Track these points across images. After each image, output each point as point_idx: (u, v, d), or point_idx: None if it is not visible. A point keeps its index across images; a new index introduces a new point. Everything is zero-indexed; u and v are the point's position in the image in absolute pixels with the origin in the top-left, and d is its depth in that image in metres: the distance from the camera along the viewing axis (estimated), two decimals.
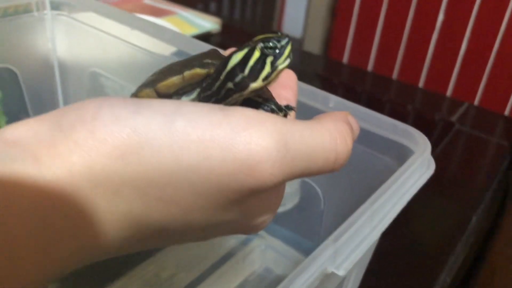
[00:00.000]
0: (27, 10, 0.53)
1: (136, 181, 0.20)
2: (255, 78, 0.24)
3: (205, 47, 0.47)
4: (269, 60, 0.24)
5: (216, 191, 0.21)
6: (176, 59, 0.48)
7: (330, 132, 0.24)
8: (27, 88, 0.55)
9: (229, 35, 1.01)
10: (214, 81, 0.25)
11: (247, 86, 0.24)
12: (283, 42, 0.24)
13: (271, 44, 0.24)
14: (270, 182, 0.22)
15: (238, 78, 0.24)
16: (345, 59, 1.59)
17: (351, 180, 0.41)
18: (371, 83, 1.06)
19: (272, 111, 0.26)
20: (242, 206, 0.23)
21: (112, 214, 0.20)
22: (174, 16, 0.93)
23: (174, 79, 0.25)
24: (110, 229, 0.20)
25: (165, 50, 0.51)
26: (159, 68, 0.28)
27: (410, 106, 0.91)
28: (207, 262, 0.46)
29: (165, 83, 0.25)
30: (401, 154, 0.37)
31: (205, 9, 1.62)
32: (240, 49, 0.24)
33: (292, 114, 0.31)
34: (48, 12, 0.53)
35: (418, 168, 0.34)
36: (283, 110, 0.26)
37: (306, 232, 0.50)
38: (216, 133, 0.21)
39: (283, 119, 0.23)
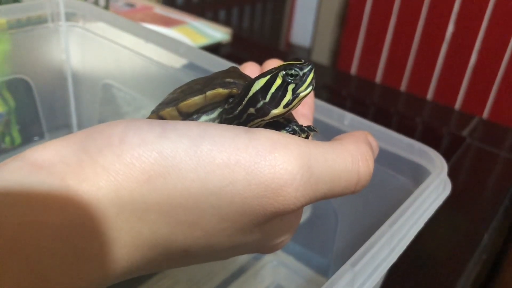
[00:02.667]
0: (41, 21, 0.53)
1: (161, 205, 0.20)
2: (276, 105, 0.24)
3: (216, 60, 0.47)
4: (290, 87, 0.24)
5: (240, 215, 0.21)
6: (187, 71, 0.49)
7: (352, 154, 0.24)
8: (40, 99, 0.55)
9: (239, 46, 1.01)
10: (236, 105, 0.25)
11: (268, 112, 0.24)
12: (306, 69, 0.24)
13: (293, 72, 0.24)
14: (293, 206, 0.22)
15: (260, 104, 0.24)
16: (353, 70, 1.59)
17: (365, 198, 0.41)
18: (379, 95, 1.05)
19: (294, 132, 0.26)
20: (264, 228, 0.23)
21: (134, 238, 0.20)
22: (185, 26, 0.93)
23: (196, 99, 0.25)
24: (131, 252, 0.20)
25: (176, 62, 0.51)
26: (174, 83, 0.28)
27: (419, 119, 0.91)
28: (218, 278, 0.45)
29: (187, 102, 0.25)
30: (417, 174, 0.37)
31: (215, 18, 1.63)
32: (262, 75, 0.24)
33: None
34: (62, 24, 0.54)
35: (435, 189, 0.34)
36: (305, 132, 0.26)
37: (318, 248, 0.50)
38: (242, 157, 0.21)
39: (306, 141, 0.23)
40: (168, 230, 0.20)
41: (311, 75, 0.24)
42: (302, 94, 0.24)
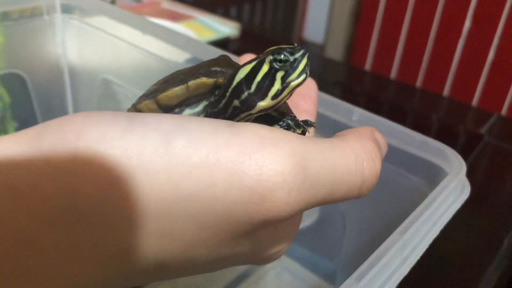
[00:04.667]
0: (36, 13, 0.50)
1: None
2: (263, 96, 0.21)
3: (220, 53, 0.44)
4: (279, 75, 0.21)
5: (223, 223, 0.18)
6: (189, 65, 0.46)
7: (355, 153, 0.21)
8: (36, 94, 0.53)
9: (248, 41, 0.98)
10: (221, 97, 0.22)
11: (254, 104, 0.21)
12: (297, 54, 0.21)
13: (282, 56, 0.20)
14: (285, 213, 0.18)
15: (244, 95, 0.21)
16: (368, 66, 1.56)
17: (375, 200, 0.38)
18: (394, 92, 1.02)
19: (289, 127, 0.23)
20: (254, 238, 0.20)
21: (93, 248, 0.17)
22: (192, 21, 0.90)
23: (177, 90, 0.22)
24: (91, 265, 0.17)
25: (179, 57, 0.48)
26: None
27: (434, 116, 0.87)
28: (219, 284, 0.43)
29: (166, 94, 0.22)
30: (432, 175, 0.34)
31: (226, 14, 1.60)
32: (248, 61, 0.21)
33: (311, 131, 0.28)
34: (58, 16, 0.51)
35: (452, 192, 0.30)
36: (301, 127, 0.23)
37: (325, 252, 0.47)
38: (223, 155, 0.18)
39: (302, 137, 0.20)
40: (137, 240, 0.17)
41: (304, 61, 0.21)
42: (293, 84, 0.21)
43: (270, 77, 0.21)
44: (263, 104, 0.21)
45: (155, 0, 0.99)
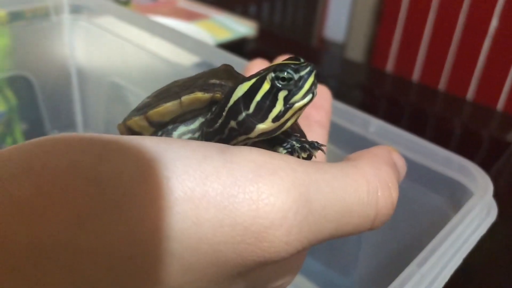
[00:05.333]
0: (44, 14, 0.49)
1: (97, 253, 0.15)
2: (263, 118, 0.18)
3: (228, 57, 0.41)
4: (281, 95, 0.18)
5: (211, 265, 0.16)
6: (198, 70, 0.44)
7: (368, 180, 0.19)
8: (43, 97, 0.51)
9: (265, 41, 0.95)
10: (217, 116, 0.20)
11: (253, 127, 0.18)
12: (303, 72, 0.18)
13: (285, 74, 0.18)
14: (284, 253, 0.16)
15: (242, 116, 0.18)
16: (389, 67, 1.52)
17: (393, 219, 0.35)
18: (416, 95, 0.99)
19: (293, 150, 0.20)
20: (249, 278, 0.18)
21: None
22: (208, 20, 0.88)
23: (169, 105, 0.19)
24: None
25: (187, 60, 0.46)
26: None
27: (457, 121, 0.84)
28: None
29: (157, 110, 0.19)
30: (456, 194, 0.31)
31: (244, 13, 1.58)
32: (248, 77, 0.19)
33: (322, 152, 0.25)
34: (66, 17, 0.50)
35: (477, 216, 0.28)
36: (306, 150, 0.20)
37: (340, 268, 0.44)
38: (212, 188, 0.15)
39: (306, 165, 0.17)
40: (111, 281, 0.15)
41: (310, 79, 0.18)
42: (297, 105, 0.18)
43: (271, 97, 0.18)
44: (262, 126, 0.18)
45: None
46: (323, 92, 0.30)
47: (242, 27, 0.89)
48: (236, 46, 0.96)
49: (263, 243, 0.16)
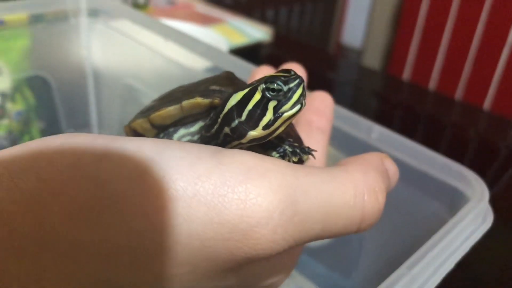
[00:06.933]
0: (62, 16, 0.51)
1: (100, 243, 0.16)
2: (254, 126, 0.20)
3: (239, 63, 0.43)
4: (271, 105, 0.19)
5: (201, 260, 0.17)
6: (209, 75, 0.45)
7: (356, 186, 0.19)
8: (60, 97, 0.53)
9: (280, 46, 0.96)
10: (213, 122, 0.21)
11: (245, 133, 0.20)
12: (292, 84, 0.19)
13: (275, 85, 0.19)
14: (270, 250, 0.17)
15: (235, 123, 0.20)
16: (406, 75, 1.51)
17: (393, 222, 0.36)
18: (432, 104, 0.98)
19: (284, 155, 0.21)
20: (240, 273, 0.19)
21: (63, 279, 0.16)
22: (224, 25, 0.90)
23: (171, 109, 0.21)
24: None
25: (200, 64, 0.47)
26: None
27: (473, 131, 0.84)
28: None
29: (159, 113, 0.21)
30: (454, 200, 0.32)
31: (262, 17, 1.59)
32: (242, 88, 0.20)
33: (320, 155, 0.26)
34: (84, 20, 0.51)
35: (472, 222, 0.28)
36: (297, 155, 0.21)
37: (342, 270, 0.45)
38: (203, 187, 0.16)
39: (295, 168, 0.18)
40: (108, 272, 0.16)
41: (299, 91, 0.19)
42: (286, 114, 0.19)
43: (262, 106, 0.19)
44: (254, 133, 0.20)
45: (189, 2, 0.99)
46: (325, 99, 0.31)
47: (257, 32, 0.90)
48: (251, 51, 0.97)
49: (250, 240, 0.17)
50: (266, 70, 0.33)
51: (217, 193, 0.16)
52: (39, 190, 0.16)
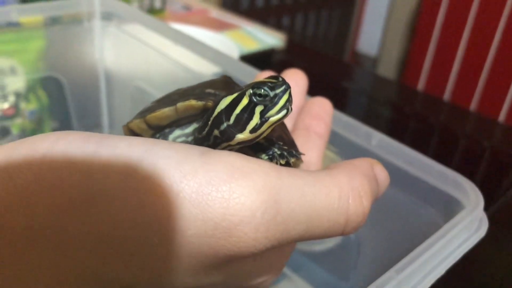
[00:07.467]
0: (77, 19, 0.52)
1: (86, 235, 0.17)
2: (241, 129, 0.21)
3: (246, 69, 0.43)
4: (258, 109, 0.20)
5: (186, 256, 0.17)
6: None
7: (340, 189, 0.20)
8: (72, 97, 0.55)
9: (293, 53, 0.97)
10: (204, 124, 0.22)
11: (233, 136, 0.21)
12: (278, 90, 0.20)
13: (262, 91, 0.20)
14: (253, 249, 0.18)
15: (223, 126, 0.21)
16: (421, 85, 1.51)
17: (389, 228, 0.36)
18: (446, 115, 0.98)
19: (272, 158, 0.22)
20: (226, 271, 0.19)
21: (54, 271, 0.17)
22: (237, 30, 0.91)
23: (166, 111, 0.22)
24: (52, 285, 0.17)
25: (208, 70, 0.48)
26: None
27: (487, 143, 0.83)
28: None
29: (155, 114, 0.22)
30: (449, 207, 0.32)
31: (278, 25, 1.60)
32: (232, 92, 0.21)
33: (315, 159, 0.27)
34: (97, 23, 0.53)
35: (465, 229, 0.28)
36: (285, 157, 0.22)
37: (340, 273, 0.45)
38: (189, 185, 0.17)
39: (280, 170, 0.19)
40: (94, 263, 0.17)
41: (285, 96, 0.20)
42: (272, 119, 0.20)
43: (249, 111, 0.20)
44: (241, 136, 0.21)
45: (204, 8, 1.01)
46: (325, 104, 0.32)
47: (270, 38, 0.91)
48: (264, 57, 0.98)
49: (233, 238, 0.17)
50: (268, 75, 0.34)
51: (202, 192, 0.17)
52: (32, 183, 0.17)
